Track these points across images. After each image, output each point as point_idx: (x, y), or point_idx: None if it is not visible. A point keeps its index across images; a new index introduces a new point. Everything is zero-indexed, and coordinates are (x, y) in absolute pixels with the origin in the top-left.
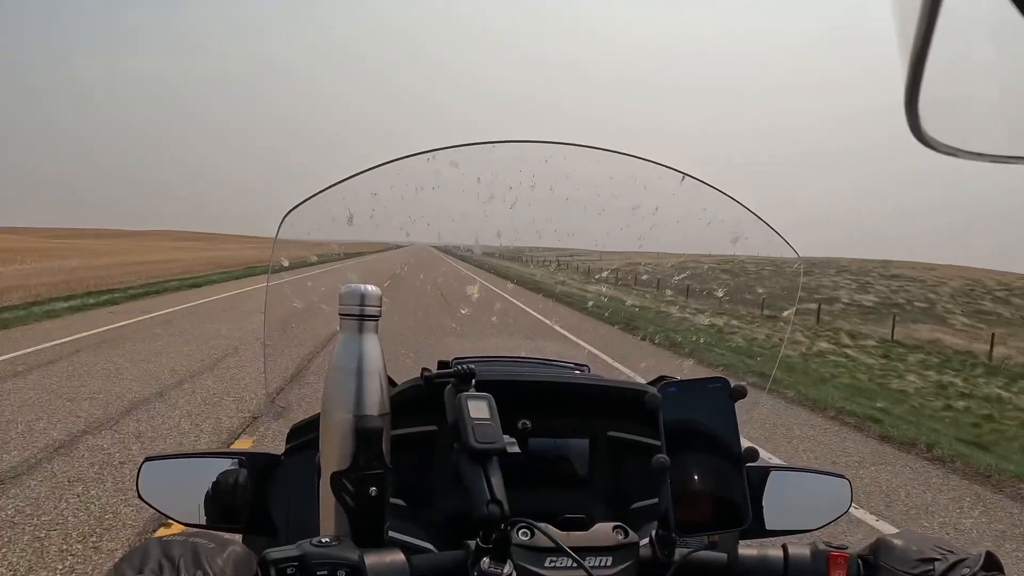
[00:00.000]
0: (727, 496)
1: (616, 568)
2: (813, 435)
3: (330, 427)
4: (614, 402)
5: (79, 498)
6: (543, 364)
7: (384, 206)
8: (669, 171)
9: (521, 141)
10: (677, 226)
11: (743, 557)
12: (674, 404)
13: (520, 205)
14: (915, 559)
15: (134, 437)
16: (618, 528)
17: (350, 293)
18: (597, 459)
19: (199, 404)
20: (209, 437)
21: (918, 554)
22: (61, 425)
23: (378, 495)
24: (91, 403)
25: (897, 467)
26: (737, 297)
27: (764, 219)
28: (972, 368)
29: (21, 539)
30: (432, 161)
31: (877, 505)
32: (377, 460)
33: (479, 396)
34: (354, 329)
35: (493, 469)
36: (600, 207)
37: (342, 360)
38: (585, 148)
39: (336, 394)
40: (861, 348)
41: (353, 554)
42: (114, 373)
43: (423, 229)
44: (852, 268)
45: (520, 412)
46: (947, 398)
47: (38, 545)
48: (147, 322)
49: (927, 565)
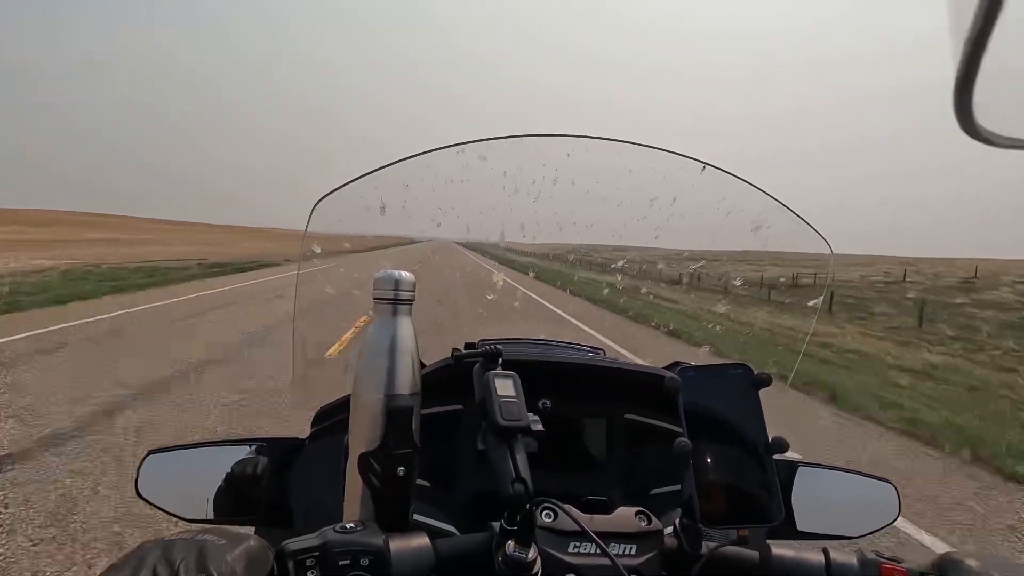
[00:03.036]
0: (754, 489)
1: (641, 558)
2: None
3: (360, 407)
4: (632, 385)
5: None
6: (561, 346)
7: (415, 197)
8: (689, 161)
9: (545, 135)
10: (696, 216)
11: (777, 557)
12: (694, 388)
13: (543, 199)
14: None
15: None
16: (640, 514)
17: (385, 278)
18: (615, 441)
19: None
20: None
21: (992, 558)
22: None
23: (406, 475)
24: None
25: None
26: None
27: (791, 208)
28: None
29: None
30: (461, 154)
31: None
32: (406, 440)
33: (505, 375)
34: (388, 312)
35: (518, 448)
36: (619, 200)
37: (375, 341)
38: (605, 141)
39: (368, 374)
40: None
41: (378, 539)
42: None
43: (452, 221)
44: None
45: (541, 392)
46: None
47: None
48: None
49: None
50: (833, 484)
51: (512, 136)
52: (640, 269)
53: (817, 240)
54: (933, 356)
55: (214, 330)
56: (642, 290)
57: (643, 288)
